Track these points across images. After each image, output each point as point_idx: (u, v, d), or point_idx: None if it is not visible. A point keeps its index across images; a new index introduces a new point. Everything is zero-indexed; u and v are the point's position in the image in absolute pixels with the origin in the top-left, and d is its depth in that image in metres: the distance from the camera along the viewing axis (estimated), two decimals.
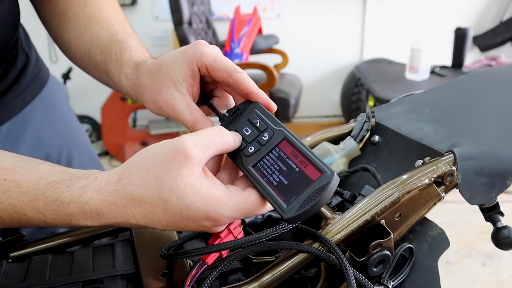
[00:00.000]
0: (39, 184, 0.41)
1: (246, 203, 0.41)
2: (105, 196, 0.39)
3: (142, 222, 0.40)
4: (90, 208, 0.39)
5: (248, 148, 0.45)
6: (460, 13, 3.37)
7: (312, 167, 0.40)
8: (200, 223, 0.40)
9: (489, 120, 0.63)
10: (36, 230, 0.74)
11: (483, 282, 1.85)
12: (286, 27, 3.29)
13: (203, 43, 0.49)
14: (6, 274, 0.51)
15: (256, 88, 0.48)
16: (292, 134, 0.44)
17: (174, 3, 2.43)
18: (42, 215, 0.41)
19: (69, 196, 0.40)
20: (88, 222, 0.40)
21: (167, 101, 0.49)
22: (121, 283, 0.48)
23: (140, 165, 0.40)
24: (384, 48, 3.36)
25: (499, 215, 0.60)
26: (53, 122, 0.79)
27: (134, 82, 0.53)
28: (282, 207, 0.40)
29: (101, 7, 0.66)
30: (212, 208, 0.39)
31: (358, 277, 0.44)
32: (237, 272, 0.49)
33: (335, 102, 3.56)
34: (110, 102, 2.78)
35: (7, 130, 0.70)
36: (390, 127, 0.65)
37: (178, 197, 0.38)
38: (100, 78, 0.64)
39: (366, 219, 0.48)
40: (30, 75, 0.74)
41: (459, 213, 2.23)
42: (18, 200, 0.40)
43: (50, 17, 0.70)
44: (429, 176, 0.53)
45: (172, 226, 0.40)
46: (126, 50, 0.57)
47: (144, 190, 0.39)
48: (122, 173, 0.40)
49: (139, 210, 0.39)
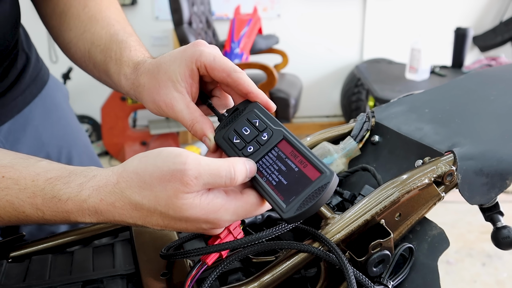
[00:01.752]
0: (37, 181, 0.41)
1: (245, 206, 0.41)
2: (103, 196, 0.39)
3: (140, 222, 0.40)
4: (88, 206, 0.40)
5: (247, 148, 0.45)
6: (460, 13, 3.37)
7: (311, 167, 0.40)
8: (199, 226, 0.40)
9: (489, 120, 0.63)
10: (36, 230, 0.74)
11: (483, 282, 1.85)
12: (286, 27, 3.29)
13: (202, 42, 0.49)
14: (6, 274, 0.51)
15: (255, 88, 0.48)
16: (292, 134, 0.44)
17: (174, 3, 2.43)
18: (40, 212, 0.41)
19: (67, 193, 0.40)
20: (86, 219, 0.41)
21: (166, 100, 0.49)
22: (121, 283, 0.48)
23: (138, 173, 0.39)
24: (384, 48, 3.36)
25: (499, 215, 0.60)
26: (53, 122, 0.79)
27: (134, 81, 0.53)
28: (281, 207, 0.40)
29: (101, 6, 0.66)
30: (212, 216, 0.39)
31: (358, 276, 0.44)
32: (237, 272, 0.49)
33: (335, 102, 3.56)
34: (110, 102, 2.78)
35: (7, 130, 0.70)
36: (390, 127, 0.65)
37: (175, 211, 0.38)
38: (100, 78, 0.64)
39: (366, 219, 0.48)
40: (30, 75, 0.74)
41: (459, 213, 2.23)
42: (16, 197, 0.41)
43: (51, 17, 0.70)
44: (429, 176, 0.53)
45: (170, 228, 0.41)
46: (126, 50, 0.57)
47: (141, 198, 0.39)
48: (120, 176, 0.40)
49: (136, 214, 0.40)
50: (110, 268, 0.51)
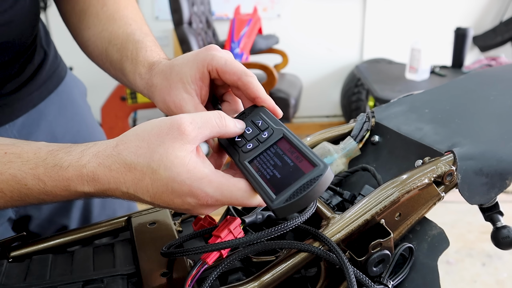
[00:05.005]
0: (39, 153, 0.43)
1: (232, 187, 0.41)
2: (101, 160, 0.41)
3: (132, 190, 0.41)
4: (87, 172, 0.41)
5: (247, 145, 0.45)
6: (460, 13, 3.37)
7: (306, 162, 0.40)
8: (184, 199, 0.41)
9: (489, 120, 0.63)
10: (46, 223, 0.75)
11: (483, 282, 1.85)
12: (286, 27, 3.29)
13: (215, 47, 0.50)
14: (7, 273, 0.51)
15: (264, 94, 0.48)
16: (292, 133, 0.44)
17: (174, 3, 2.43)
18: (42, 182, 0.42)
19: (69, 160, 0.42)
20: (85, 188, 0.42)
21: (176, 101, 0.50)
22: (121, 283, 0.48)
23: (137, 134, 0.42)
24: (384, 48, 3.36)
25: (499, 215, 0.60)
26: (68, 118, 0.80)
27: (148, 81, 0.54)
28: (271, 197, 0.39)
29: (119, 6, 0.67)
30: (196, 184, 0.40)
31: (358, 276, 0.44)
32: (237, 271, 0.49)
33: (335, 102, 3.56)
34: (110, 102, 2.78)
35: (21, 124, 0.71)
36: (390, 127, 0.65)
37: (166, 167, 0.40)
38: (116, 76, 0.65)
39: (366, 218, 0.48)
40: (47, 71, 0.75)
41: (459, 213, 2.23)
42: (19, 169, 0.42)
43: (71, 15, 0.71)
44: (428, 176, 0.53)
45: (158, 199, 0.41)
46: (142, 50, 0.58)
47: (137, 158, 0.40)
48: (119, 140, 0.42)
49: (129, 176, 0.41)
50: (111, 267, 0.51)
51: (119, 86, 2.78)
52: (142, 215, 0.59)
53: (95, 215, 0.81)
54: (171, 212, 0.61)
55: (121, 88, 2.76)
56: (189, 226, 0.60)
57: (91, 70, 0.71)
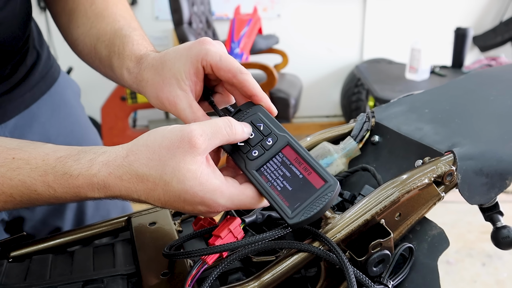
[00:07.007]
0: (47, 160, 0.42)
1: (241, 196, 0.43)
2: (112, 170, 0.41)
3: (143, 197, 0.42)
4: (98, 180, 0.41)
5: (252, 152, 0.45)
6: (460, 13, 3.37)
7: (315, 175, 0.42)
8: (195, 207, 0.42)
9: (489, 120, 0.63)
10: (40, 224, 0.74)
11: (483, 282, 1.85)
12: (286, 27, 3.29)
13: (208, 40, 0.49)
14: (7, 273, 0.51)
15: (260, 91, 0.48)
16: (295, 140, 0.45)
17: (174, 3, 2.43)
18: (52, 189, 0.42)
19: (78, 169, 0.41)
20: (95, 194, 0.42)
21: (170, 98, 0.49)
22: (121, 283, 0.48)
23: (147, 145, 0.41)
24: (384, 48, 3.36)
25: (499, 215, 0.60)
26: (61, 119, 0.79)
27: (137, 76, 0.53)
28: (287, 213, 0.41)
29: (108, 3, 0.67)
30: (209, 196, 0.40)
31: (358, 276, 0.44)
32: (237, 271, 0.49)
33: (335, 102, 3.56)
34: (110, 102, 2.78)
35: (13, 125, 0.70)
36: (390, 127, 0.65)
37: (178, 180, 0.40)
38: (105, 73, 0.64)
39: (366, 218, 0.48)
40: (40, 72, 0.75)
41: (459, 213, 2.23)
42: (28, 176, 0.42)
43: (61, 15, 0.71)
44: (428, 176, 0.53)
45: (169, 205, 0.42)
46: (129, 44, 0.57)
47: (149, 169, 0.40)
48: (130, 150, 0.42)
49: (141, 186, 0.41)
50: (111, 268, 0.51)
51: (119, 86, 2.78)
52: (142, 215, 0.59)
53: (89, 217, 0.81)
54: (171, 212, 0.61)
55: (121, 88, 2.76)
56: (189, 226, 0.60)
57: (91, 70, 0.70)
